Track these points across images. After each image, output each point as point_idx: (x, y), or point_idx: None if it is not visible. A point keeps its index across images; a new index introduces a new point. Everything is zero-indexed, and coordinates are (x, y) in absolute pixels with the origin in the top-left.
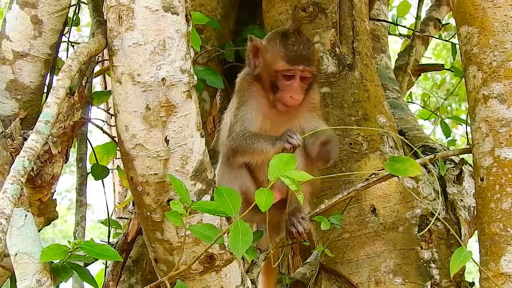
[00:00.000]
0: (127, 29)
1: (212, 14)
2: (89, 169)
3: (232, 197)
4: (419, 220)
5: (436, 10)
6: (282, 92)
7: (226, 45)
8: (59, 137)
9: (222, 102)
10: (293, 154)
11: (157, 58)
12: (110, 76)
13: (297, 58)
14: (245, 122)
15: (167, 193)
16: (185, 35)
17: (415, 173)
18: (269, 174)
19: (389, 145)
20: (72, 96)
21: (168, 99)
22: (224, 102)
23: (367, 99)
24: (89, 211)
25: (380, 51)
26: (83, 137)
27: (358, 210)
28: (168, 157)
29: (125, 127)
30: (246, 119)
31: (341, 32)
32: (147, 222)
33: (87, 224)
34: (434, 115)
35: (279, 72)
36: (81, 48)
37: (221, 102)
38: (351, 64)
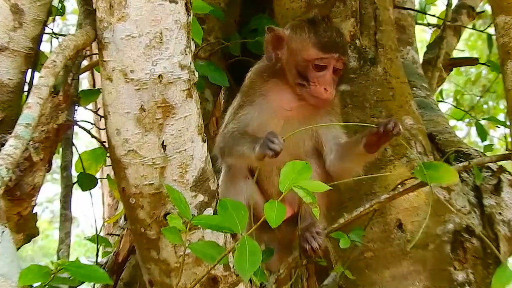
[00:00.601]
0: (119, 19)
1: (216, 2)
2: (74, 178)
3: (238, 211)
4: (452, 236)
5: None
6: (314, 84)
7: (231, 37)
8: (41, 142)
9: (226, 101)
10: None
11: (153, 53)
12: (100, 73)
13: (331, 46)
14: (242, 122)
15: (164, 206)
16: (184, 26)
17: (451, 180)
18: (280, 184)
19: (417, 150)
20: (56, 95)
21: (166, 99)
22: (228, 101)
23: (392, 98)
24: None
25: (406, 43)
26: (69, 142)
27: (382, 225)
28: (165, 165)
29: (116, 131)
30: (245, 119)
31: (361, 22)
32: (141, 240)
33: (72, 240)
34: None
35: (310, 62)
36: (67, 41)
37: (225, 101)
38: (373, 58)
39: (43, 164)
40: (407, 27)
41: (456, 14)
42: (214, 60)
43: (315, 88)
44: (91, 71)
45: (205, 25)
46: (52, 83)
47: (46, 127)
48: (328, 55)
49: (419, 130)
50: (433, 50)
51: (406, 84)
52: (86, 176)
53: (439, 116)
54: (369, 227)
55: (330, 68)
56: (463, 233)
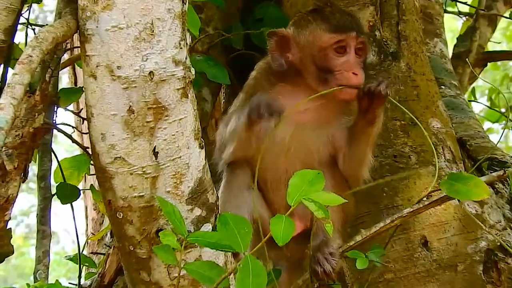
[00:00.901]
0: (104, 8)
1: None
2: (54, 189)
3: (241, 226)
4: (484, 255)
5: None
6: (339, 72)
7: (232, 27)
8: (16, 148)
9: (227, 101)
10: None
11: (143, 46)
12: (82, 69)
13: (344, 25)
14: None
15: (156, 222)
16: (179, 16)
17: (481, 196)
18: (288, 197)
19: (445, 157)
20: (32, 95)
21: (157, 99)
22: (230, 101)
23: (417, 97)
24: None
25: (433, 35)
26: (47, 148)
27: (405, 243)
28: (157, 175)
29: (101, 136)
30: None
31: (382, 10)
32: (130, 259)
33: (51, 259)
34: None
35: (328, 49)
36: (45, 33)
37: (226, 101)
38: (396, 52)
39: (17, 173)
40: (434, 16)
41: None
42: (213, 54)
43: (341, 75)
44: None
45: (203, 14)
46: (27, 81)
47: (21, 131)
48: (345, 35)
49: (448, 135)
50: (465, 43)
51: (433, 81)
52: (66, 186)
53: (470, 119)
54: (390, 245)
55: (351, 50)
56: (497, 252)
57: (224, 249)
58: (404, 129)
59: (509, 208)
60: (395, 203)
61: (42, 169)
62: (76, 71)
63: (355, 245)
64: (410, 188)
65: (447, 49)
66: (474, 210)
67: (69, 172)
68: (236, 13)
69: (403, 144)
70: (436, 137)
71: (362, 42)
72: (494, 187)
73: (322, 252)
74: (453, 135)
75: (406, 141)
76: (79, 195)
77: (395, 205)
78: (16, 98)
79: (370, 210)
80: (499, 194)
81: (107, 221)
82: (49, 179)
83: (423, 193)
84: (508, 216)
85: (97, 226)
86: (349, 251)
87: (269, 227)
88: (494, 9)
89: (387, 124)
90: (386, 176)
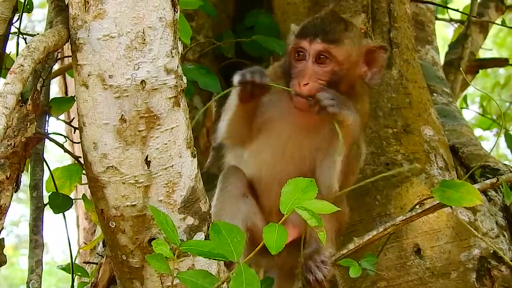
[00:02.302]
0: (95, 16)
1: None
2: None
3: (233, 235)
4: (477, 263)
5: None
6: (293, 79)
7: (224, 35)
8: (8, 158)
9: (219, 110)
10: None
11: (134, 55)
12: (74, 78)
13: (309, 30)
14: None
15: (149, 231)
16: (170, 24)
17: (473, 202)
18: (281, 204)
19: (438, 165)
20: (24, 104)
21: (149, 108)
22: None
23: (409, 105)
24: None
25: (425, 42)
26: (39, 157)
27: (398, 251)
28: (150, 184)
29: (93, 145)
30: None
31: (374, 18)
32: (123, 269)
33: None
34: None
35: (291, 54)
36: (36, 42)
37: (217, 110)
38: (388, 59)
39: (10, 183)
40: (426, 23)
41: (483, 8)
42: (205, 62)
43: (292, 82)
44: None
45: (194, 23)
46: (19, 91)
47: (13, 140)
48: (303, 41)
49: (440, 142)
50: (456, 50)
51: (425, 89)
52: (59, 196)
53: (463, 126)
54: (383, 253)
55: (309, 58)
56: (490, 260)
57: (217, 258)
58: (396, 136)
59: (502, 215)
60: (387, 211)
61: (34, 179)
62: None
63: (348, 253)
64: (402, 196)
65: (439, 56)
66: (467, 218)
67: (61, 181)
68: (227, 20)
69: (396, 152)
70: (429, 144)
71: (324, 51)
72: (487, 195)
73: (314, 260)
74: (446, 142)
75: (399, 149)
76: (71, 205)
77: (387, 213)
78: (8, 108)
79: (362, 218)
80: (492, 201)
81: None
82: (41, 188)
83: (415, 201)
84: (501, 223)
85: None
86: (342, 259)
87: (263, 235)
88: (485, 16)
89: (379, 132)
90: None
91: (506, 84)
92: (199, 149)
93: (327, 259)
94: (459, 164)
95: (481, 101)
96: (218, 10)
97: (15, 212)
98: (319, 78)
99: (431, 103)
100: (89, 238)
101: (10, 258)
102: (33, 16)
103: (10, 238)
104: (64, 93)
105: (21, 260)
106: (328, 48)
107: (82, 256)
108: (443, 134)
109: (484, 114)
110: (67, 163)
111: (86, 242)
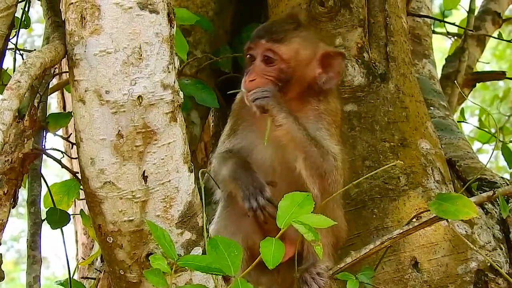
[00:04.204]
0: (92, 32)
1: (203, 10)
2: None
3: (231, 249)
4: (474, 276)
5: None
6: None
7: (221, 50)
8: (5, 174)
9: (216, 125)
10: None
11: (131, 70)
12: (71, 94)
13: (258, 32)
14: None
15: (146, 246)
16: (167, 40)
17: (469, 215)
18: (278, 219)
19: (435, 179)
20: (21, 120)
21: (146, 123)
22: (219, 125)
23: (405, 119)
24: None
25: (422, 55)
26: (36, 173)
27: (396, 265)
28: (147, 199)
29: (90, 160)
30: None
31: (370, 32)
32: (121, 284)
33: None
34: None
35: (245, 58)
36: (33, 58)
37: (215, 125)
38: (384, 73)
39: (7, 199)
40: (422, 37)
41: (480, 21)
42: (202, 77)
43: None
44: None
45: (191, 38)
46: (16, 107)
47: (10, 156)
48: (251, 43)
49: (437, 156)
50: (453, 63)
51: (421, 103)
52: (56, 212)
53: (460, 139)
54: (380, 267)
55: (258, 57)
56: (488, 273)
57: (214, 273)
58: (393, 150)
59: (499, 228)
60: (385, 225)
61: (32, 194)
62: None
63: (345, 267)
64: (399, 210)
65: (436, 70)
66: (464, 231)
67: (59, 197)
68: (224, 35)
69: (393, 166)
70: (426, 158)
71: (268, 50)
72: (484, 208)
73: (310, 272)
74: (443, 156)
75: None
76: (69, 220)
77: (385, 227)
78: (5, 124)
79: (360, 232)
80: (488, 214)
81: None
82: (39, 204)
83: (412, 215)
84: (498, 236)
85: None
86: (340, 273)
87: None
88: (482, 29)
89: (376, 146)
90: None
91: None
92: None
93: (323, 271)
94: (456, 177)
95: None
96: (215, 25)
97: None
98: (266, 74)
99: (428, 116)
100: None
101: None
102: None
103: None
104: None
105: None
106: (271, 47)
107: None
108: (440, 147)
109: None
110: (66, 177)
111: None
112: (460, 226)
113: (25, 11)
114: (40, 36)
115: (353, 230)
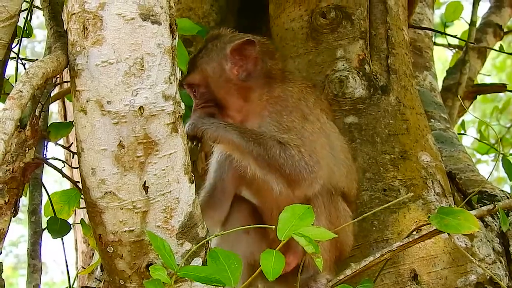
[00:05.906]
0: (94, 43)
1: (204, 21)
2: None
3: (231, 261)
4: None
5: (496, 13)
6: None
7: None
8: (6, 183)
9: None
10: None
11: (132, 81)
12: (72, 104)
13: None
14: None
15: (146, 256)
16: (169, 51)
17: (470, 229)
18: (278, 231)
19: (435, 191)
20: (22, 130)
21: (147, 134)
22: None
23: (406, 131)
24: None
25: (423, 68)
26: (37, 182)
27: (395, 277)
28: (148, 209)
29: (91, 170)
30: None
31: (371, 44)
32: None
33: None
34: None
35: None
36: (35, 68)
37: None
38: (385, 86)
39: (8, 208)
40: (424, 49)
41: (481, 34)
42: None
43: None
44: (62, 101)
45: (193, 48)
46: (18, 116)
47: (11, 166)
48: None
49: (438, 168)
50: (454, 76)
51: (422, 115)
52: (57, 221)
53: (460, 152)
54: (380, 279)
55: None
56: (487, 286)
57: (214, 284)
58: (393, 163)
59: (499, 241)
60: (385, 237)
61: (33, 203)
62: (66, 104)
63: (345, 279)
64: (400, 222)
65: (437, 82)
66: (464, 244)
67: (60, 206)
68: None
69: (393, 178)
70: (426, 171)
71: (187, 84)
72: (483, 221)
73: (309, 285)
74: (443, 168)
75: (396, 175)
76: (69, 229)
77: (385, 239)
78: (6, 133)
79: (360, 244)
80: (488, 227)
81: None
82: (40, 213)
83: (412, 227)
84: (498, 249)
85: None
86: (339, 285)
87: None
88: (484, 41)
89: (376, 158)
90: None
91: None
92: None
93: (323, 286)
94: (456, 190)
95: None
96: None
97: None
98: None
99: (429, 129)
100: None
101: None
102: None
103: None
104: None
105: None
106: (188, 81)
107: (80, 279)
108: (440, 160)
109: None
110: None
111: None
112: (460, 239)
113: (27, 21)
114: (40, 42)
115: (353, 242)
